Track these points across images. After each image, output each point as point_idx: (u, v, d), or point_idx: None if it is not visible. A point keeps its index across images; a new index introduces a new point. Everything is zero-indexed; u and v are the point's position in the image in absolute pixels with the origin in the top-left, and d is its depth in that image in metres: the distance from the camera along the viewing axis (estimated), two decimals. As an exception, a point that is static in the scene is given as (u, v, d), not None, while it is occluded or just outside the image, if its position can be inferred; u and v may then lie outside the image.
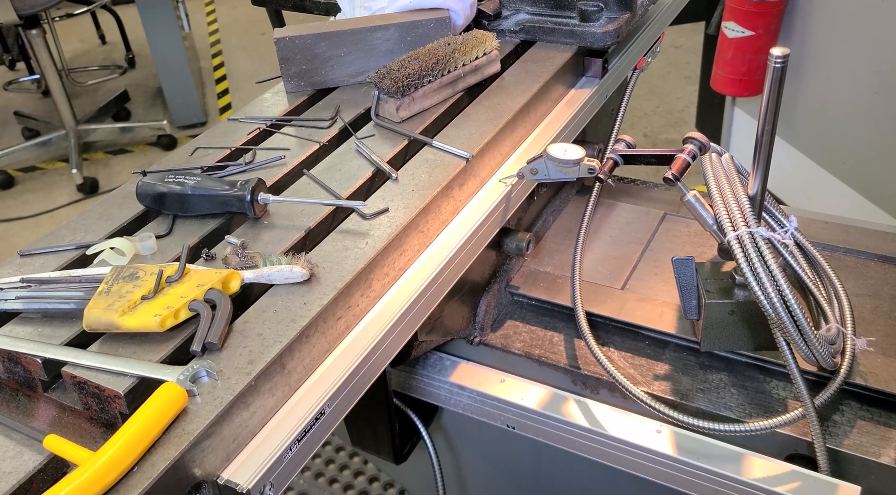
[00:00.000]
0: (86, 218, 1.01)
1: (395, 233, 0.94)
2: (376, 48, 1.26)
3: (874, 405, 1.02)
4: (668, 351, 1.14)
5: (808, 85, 2.52)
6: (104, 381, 0.74)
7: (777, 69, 0.87)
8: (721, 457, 0.92)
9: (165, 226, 0.98)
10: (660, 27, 1.54)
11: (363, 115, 1.21)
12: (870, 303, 1.17)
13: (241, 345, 0.79)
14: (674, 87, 3.95)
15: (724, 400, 1.05)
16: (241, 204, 0.96)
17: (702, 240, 1.33)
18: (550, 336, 1.19)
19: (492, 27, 1.39)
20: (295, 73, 1.27)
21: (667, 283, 1.22)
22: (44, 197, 3.69)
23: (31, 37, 3.52)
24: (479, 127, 1.14)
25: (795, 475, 0.89)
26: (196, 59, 4.81)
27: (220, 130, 1.21)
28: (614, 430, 0.97)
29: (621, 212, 1.43)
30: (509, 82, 1.25)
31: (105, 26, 5.04)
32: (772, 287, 0.90)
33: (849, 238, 1.29)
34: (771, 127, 0.92)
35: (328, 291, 0.85)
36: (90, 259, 0.93)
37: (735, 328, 1.04)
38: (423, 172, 1.05)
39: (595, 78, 1.35)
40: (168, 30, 3.85)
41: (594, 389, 1.12)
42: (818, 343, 0.93)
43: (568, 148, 1.04)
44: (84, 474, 0.65)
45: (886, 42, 2.23)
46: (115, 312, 0.78)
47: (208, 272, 0.85)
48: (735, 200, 0.96)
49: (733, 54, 2.57)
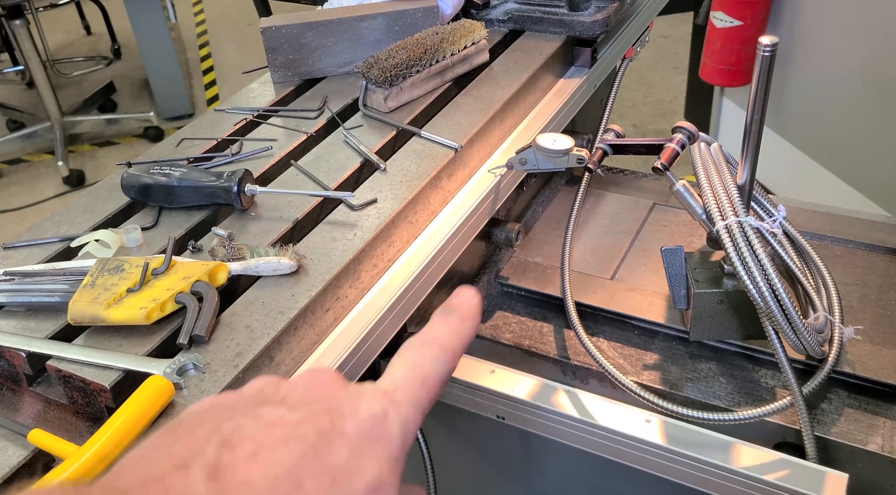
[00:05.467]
0: (70, 210, 1.00)
1: (383, 224, 0.93)
2: (364, 38, 1.25)
3: (862, 393, 1.03)
4: (658, 340, 1.14)
5: (796, 75, 2.52)
6: (90, 375, 0.73)
7: (766, 58, 0.87)
8: (710, 446, 0.92)
9: (151, 218, 0.97)
10: (648, 17, 1.53)
11: (351, 106, 1.20)
12: (857, 291, 1.17)
13: (229, 338, 0.78)
14: (663, 78, 3.96)
15: (713, 389, 1.05)
16: (228, 195, 0.95)
17: (690, 229, 1.33)
18: (540, 326, 1.19)
19: (480, 16, 1.38)
20: (282, 63, 1.26)
21: (656, 273, 1.22)
22: (29, 189, 3.66)
23: (14, 27, 3.48)
24: (467, 117, 1.13)
25: (784, 463, 0.89)
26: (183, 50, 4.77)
27: (207, 121, 1.19)
28: (604, 420, 0.97)
29: (610, 202, 1.43)
30: (498, 72, 1.25)
31: (90, 16, 4.99)
32: (760, 276, 0.90)
33: (836, 227, 1.29)
34: (759, 116, 0.92)
35: (316, 283, 0.85)
36: (75, 251, 0.92)
37: (724, 317, 1.04)
38: (412, 163, 1.05)
39: (584, 67, 1.35)
40: (154, 20, 3.82)
41: (584, 379, 1.12)
42: (806, 331, 0.93)
43: (557, 138, 1.04)
44: (69, 468, 0.64)
45: (874, 32, 2.24)
46: (101, 305, 0.77)
47: (195, 264, 0.85)
48: (724, 190, 0.96)
49: (722, 44, 2.57)
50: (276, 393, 0.40)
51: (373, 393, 0.39)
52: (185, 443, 0.35)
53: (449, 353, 0.43)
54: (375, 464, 0.36)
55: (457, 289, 0.47)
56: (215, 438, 0.34)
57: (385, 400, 0.38)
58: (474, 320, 0.45)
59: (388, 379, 0.41)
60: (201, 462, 0.33)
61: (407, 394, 0.39)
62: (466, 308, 0.46)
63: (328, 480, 0.34)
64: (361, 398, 0.38)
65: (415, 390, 0.40)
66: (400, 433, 0.38)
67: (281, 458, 0.34)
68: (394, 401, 0.39)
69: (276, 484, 0.33)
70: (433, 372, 0.41)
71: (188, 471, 0.33)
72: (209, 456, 0.33)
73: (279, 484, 0.33)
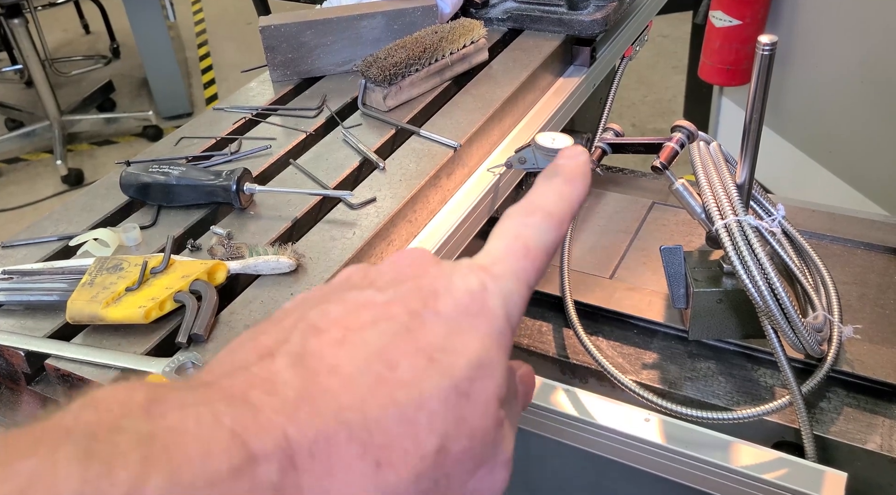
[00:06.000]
0: (69, 209, 1.00)
1: (382, 223, 0.93)
2: (363, 37, 1.25)
3: (860, 392, 1.03)
4: (657, 340, 1.14)
5: (795, 74, 2.52)
6: (88, 374, 0.73)
7: (765, 57, 0.86)
8: (709, 445, 0.92)
9: (150, 217, 0.97)
10: (647, 16, 1.53)
11: (350, 105, 1.20)
12: (856, 290, 1.17)
13: (228, 337, 0.78)
14: (662, 77, 3.96)
15: (712, 388, 1.05)
16: (227, 194, 0.95)
17: (690, 228, 1.33)
18: (539, 325, 1.19)
19: (479, 15, 1.38)
20: (281, 61, 1.26)
21: (655, 272, 1.22)
22: (28, 188, 3.65)
23: (13, 26, 3.48)
24: (466, 116, 1.13)
25: (783, 462, 0.89)
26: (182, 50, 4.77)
27: (206, 120, 1.19)
28: (603, 419, 0.97)
29: (609, 201, 1.43)
30: (497, 71, 1.25)
31: (89, 15, 4.98)
32: (760, 275, 0.90)
33: (835, 226, 1.29)
34: (759, 115, 0.92)
35: (315, 282, 0.85)
36: (73, 250, 0.92)
37: (723, 316, 1.04)
38: (411, 162, 1.04)
39: (583, 67, 1.35)
40: (153, 19, 3.81)
41: (583, 378, 1.12)
42: (805, 330, 0.93)
43: (556, 137, 1.03)
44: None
45: (873, 31, 2.24)
46: (99, 304, 0.77)
47: (193, 263, 0.85)
48: (723, 189, 0.96)
49: (721, 44, 2.57)
50: (364, 277, 0.37)
51: (469, 267, 0.36)
52: (272, 334, 0.33)
53: (555, 219, 0.38)
54: (477, 341, 0.33)
55: (562, 149, 0.43)
56: (301, 326, 0.33)
57: (483, 273, 0.35)
58: (583, 181, 0.40)
59: (486, 252, 0.37)
60: (287, 349, 0.32)
61: (507, 267, 0.36)
62: (572, 167, 0.41)
63: (425, 359, 0.31)
64: (456, 274, 0.35)
65: (517, 261, 0.36)
66: (502, 307, 0.34)
67: (370, 340, 0.32)
68: (493, 275, 0.35)
69: (366, 367, 0.31)
70: (537, 242, 0.37)
71: (273, 359, 0.31)
72: (294, 343, 0.32)
73: (370, 366, 0.31)
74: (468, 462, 0.32)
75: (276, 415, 0.29)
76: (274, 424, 0.29)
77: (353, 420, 0.30)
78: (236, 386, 0.30)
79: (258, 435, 0.28)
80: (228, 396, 0.30)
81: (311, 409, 0.30)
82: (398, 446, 0.30)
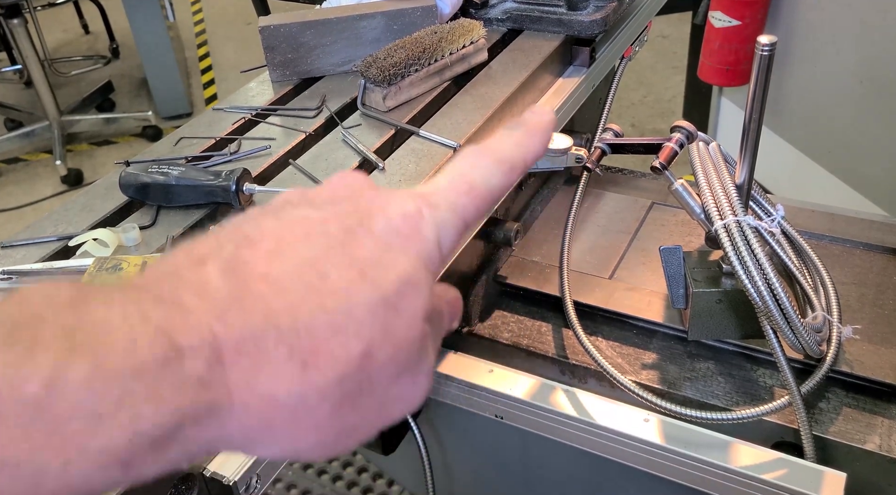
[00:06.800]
0: (68, 209, 1.00)
1: (381, 223, 0.93)
2: (362, 37, 1.25)
3: (859, 392, 1.03)
4: (656, 340, 1.14)
5: (794, 75, 2.53)
6: (88, 374, 0.73)
7: (764, 57, 0.87)
8: (708, 445, 0.92)
9: (149, 217, 0.97)
10: (647, 16, 1.54)
11: (349, 105, 1.20)
12: (855, 291, 1.17)
13: (227, 337, 0.78)
14: (661, 77, 3.96)
15: (712, 388, 1.05)
16: (227, 194, 0.95)
17: (689, 229, 1.33)
18: (538, 326, 1.19)
19: (479, 15, 1.38)
20: (280, 62, 1.26)
21: (654, 273, 1.22)
22: (27, 188, 3.65)
23: (12, 26, 3.47)
24: (466, 116, 1.13)
25: (782, 462, 0.90)
26: (181, 50, 4.77)
27: (205, 120, 1.19)
28: (602, 419, 0.97)
29: (609, 201, 1.43)
30: (496, 71, 1.25)
31: (88, 15, 4.98)
32: (759, 275, 0.90)
33: (835, 226, 1.29)
34: (758, 116, 0.92)
35: (315, 282, 0.84)
36: (73, 250, 0.92)
37: (722, 317, 1.04)
38: (411, 162, 1.05)
39: (583, 67, 1.35)
40: (152, 19, 3.81)
41: (582, 379, 1.12)
42: (805, 331, 0.93)
43: (556, 137, 1.03)
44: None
45: (873, 31, 2.24)
46: (99, 304, 0.77)
47: (193, 263, 0.84)
48: (722, 189, 0.96)
49: (720, 44, 2.57)
50: (302, 197, 0.37)
51: (409, 193, 0.36)
52: (206, 244, 0.34)
53: (506, 164, 0.39)
54: (407, 260, 0.34)
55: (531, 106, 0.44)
56: (235, 236, 0.33)
57: (421, 200, 0.36)
58: (542, 136, 0.41)
59: (430, 184, 0.38)
60: (220, 256, 0.32)
61: (447, 198, 0.37)
62: (536, 122, 0.42)
63: (356, 272, 0.32)
64: (393, 198, 0.36)
65: (457, 196, 0.37)
66: (434, 233, 0.35)
67: (303, 251, 0.32)
68: (430, 202, 0.36)
69: (297, 275, 0.31)
70: (482, 182, 0.38)
71: (205, 266, 0.32)
72: (228, 251, 0.32)
73: (301, 275, 0.31)
74: (391, 368, 0.33)
75: (204, 315, 0.30)
76: (201, 322, 0.30)
77: (282, 323, 0.30)
78: (166, 289, 0.31)
79: (185, 332, 0.29)
80: (157, 297, 0.30)
81: (240, 310, 0.30)
82: (325, 349, 0.31)
